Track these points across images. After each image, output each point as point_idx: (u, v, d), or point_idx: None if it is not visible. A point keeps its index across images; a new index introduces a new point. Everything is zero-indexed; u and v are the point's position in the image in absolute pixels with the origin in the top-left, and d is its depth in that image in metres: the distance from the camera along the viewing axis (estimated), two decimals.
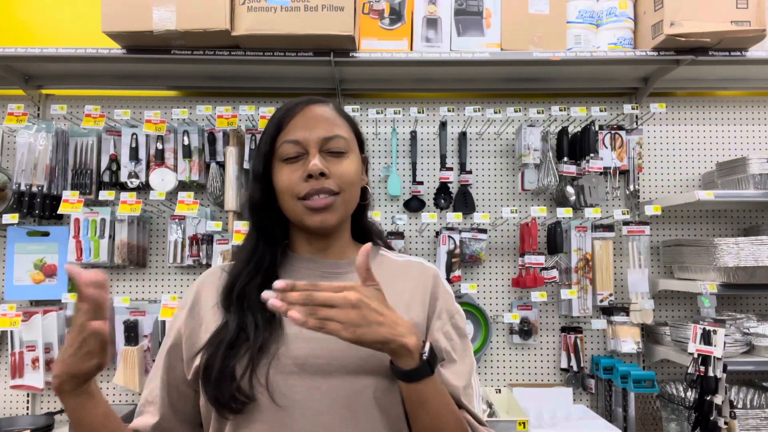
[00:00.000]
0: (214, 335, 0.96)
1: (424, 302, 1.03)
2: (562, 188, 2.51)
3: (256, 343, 0.93)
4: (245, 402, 0.90)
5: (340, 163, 1.01)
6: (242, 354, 0.92)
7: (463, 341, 1.05)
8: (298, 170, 0.99)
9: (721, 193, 2.25)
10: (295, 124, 1.02)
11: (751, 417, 2.10)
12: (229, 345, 0.93)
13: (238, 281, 1.00)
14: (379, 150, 2.64)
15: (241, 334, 0.94)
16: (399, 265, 1.10)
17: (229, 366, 0.91)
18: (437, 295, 1.06)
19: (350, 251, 1.09)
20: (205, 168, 2.49)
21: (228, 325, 0.97)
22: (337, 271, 1.05)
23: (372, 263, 1.06)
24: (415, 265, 1.10)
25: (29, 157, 2.41)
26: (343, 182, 1.01)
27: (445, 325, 1.03)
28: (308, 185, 0.98)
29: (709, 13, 2.19)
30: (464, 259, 2.52)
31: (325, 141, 1.01)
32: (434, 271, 1.09)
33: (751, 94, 2.68)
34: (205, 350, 0.95)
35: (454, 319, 1.05)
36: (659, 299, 2.57)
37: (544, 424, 2.25)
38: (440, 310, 1.04)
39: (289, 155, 1.00)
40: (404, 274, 1.07)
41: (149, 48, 2.25)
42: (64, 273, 2.47)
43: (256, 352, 0.92)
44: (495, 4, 2.38)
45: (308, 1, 2.14)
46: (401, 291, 1.03)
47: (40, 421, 2.30)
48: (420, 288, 1.05)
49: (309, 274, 1.04)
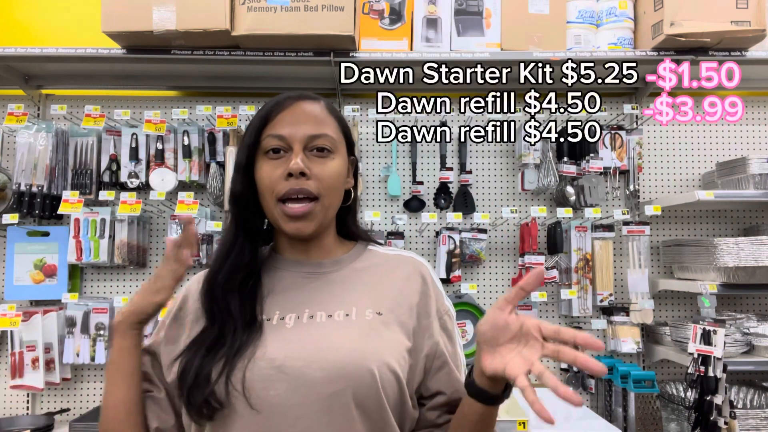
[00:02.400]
0: (194, 340, 0.95)
1: (411, 303, 1.00)
2: (562, 188, 2.51)
3: (232, 347, 0.91)
4: (217, 408, 0.88)
5: (324, 165, 0.98)
6: (219, 358, 0.91)
7: (453, 343, 1.03)
8: (279, 167, 0.96)
9: (721, 193, 2.25)
10: (282, 119, 0.99)
11: (751, 417, 2.10)
12: (206, 349, 0.92)
13: (218, 278, 0.98)
14: (379, 150, 2.64)
15: (219, 339, 0.93)
16: (388, 259, 1.07)
17: (204, 371, 0.90)
18: (428, 293, 1.03)
19: (335, 250, 1.06)
20: (205, 168, 2.49)
21: (207, 330, 0.95)
22: (321, 271, 1.03)
23: (360, 258, 1.06)
24: (406, 260, 1.07)
25: (29, 157, 2.41)
26: (324, 185, 0.97)
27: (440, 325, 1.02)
28: (288, 184, 0.95)
29: (709, 13, 2.19)
30: (464, 259, 2.52)
31: (310, 139, 0.98)
32: (425, 268, 1.06)
33: (751, 94, 2.67)
34: (183, 355, 0.94)
35: (443, 320, 1.02)
36: (659, 299, 2.57)
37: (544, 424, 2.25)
38: (434, 311, 1.02)
39: (272, 150, 0.98)
40: (393, 269, 1.04)
41: (149, 48, 2.25)
42: (64, 273, 2.47)
43: (232, 356, 0.90)
44: (495, 4, 2.38)
45: (308, 1, 2.14)
46: (389, 288, 1.01)
47: (40, 421, 2.30)
48: (409, 286, 1.02)
49: (293, 275, 1.02)
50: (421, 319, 0.99)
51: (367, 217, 2.36)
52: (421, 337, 0.98)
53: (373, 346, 0.92)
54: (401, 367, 0.92)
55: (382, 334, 0.94)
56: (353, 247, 1.09)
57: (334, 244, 1.07)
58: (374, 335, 0.94)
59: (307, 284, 1.01)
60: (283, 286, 1.01)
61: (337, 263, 1.04)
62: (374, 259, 1.07)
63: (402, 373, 0.92)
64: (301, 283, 1.01)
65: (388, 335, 0.95)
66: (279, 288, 1.01)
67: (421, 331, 0.98)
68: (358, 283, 1.02)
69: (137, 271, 2.57)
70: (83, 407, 2.48)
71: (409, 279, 1.03)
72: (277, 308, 0.98)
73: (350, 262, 1.05)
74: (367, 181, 2.63)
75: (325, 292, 1.00)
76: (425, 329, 0.99)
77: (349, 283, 1.02)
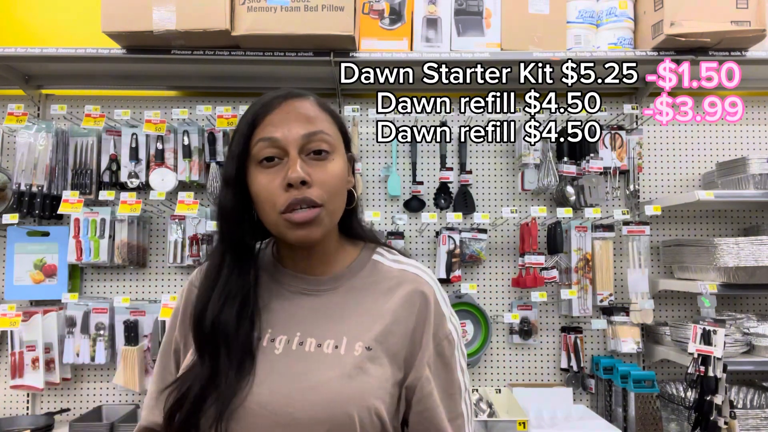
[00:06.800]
0: (184, 376, 0.91)
1: (406, 330, 0.94)
2: (562, 188, 2.51)
3: (225, 396, 0.87)
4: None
5: (324, 168, 0.91)
6: (209, 406, 0.87)
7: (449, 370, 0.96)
8: (276, 177, 0.89)
9: (721, 193, 2.25)
10: (271, 121, 0.91)
11: (751, 417, 2.10)
12: (196, 395, 0.88)
13: (208, 311, 0.92)
14: (379, 150, 2.64)
15: (210, 384, 0.88)
16: (392, 276, 1.00)
17: (194, 419, 0.87)
18: (426, 319, 0.96)
19: (338, 261, 1.01)
20: (205, 168, 2.49)
21: (196, 367, 0.90)
22: (320, 289, 0.98)
23: (361, 274, 1.00)
24: (407, 279, 0.99)
25: (29, 157, 2.41)
26: (327, 191, 0.91)
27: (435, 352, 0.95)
28: (289, 195, 0.88)
29: (709, 13, 2.19)
30: (464, 259, 2.52)
31: (306, 139, 0.91)
32: (428, 288, 0.98)
33: (751, 94, 2.67)
34: (172, 394, 0.89)
35: (440, 347, 0.96)
36: (659, 299, 2.58)
37: (544, 424, 2.26)
38: (430, 339, 0.95)
39: (265, 156, 0.90)
40: (395, 288, 0.98)
41: (149, 48, 2.25)
42: (64, 273, 2.47)
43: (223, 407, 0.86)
44: (495, 4, 2.38)
45: (308, 1, 2.14)
46: (384, 313, 0.95)
47: (40, 421, 2.30)
48: (406, 311, 0.95)
49: (291, 291, 0.99)
50: (413, 348, 0.94)
51: (367, 217, 2.36)
52: (410, 367, 0.94)
53: (358, 388, 0.88)
54: (386, 405, 0.90)
55: (368, 372, 0.90)
56: (357, 255, 1.03)
57: (337, 250, 1.01)
58: (360, 375, 0.90)
59: (302, 302, 0.97)
60: (280, 299, 0.98)
61: (337, 280, 0.99)
62: (375, 276, 1.00)
63: (387, 412, 0.90)
64: (298, 299, 0.98)
65: (374, 372, 0.91)
66: (275, 303, 0.97)
67: (411, 360, 0.94)
68: (353, 306, 0.97)
69: (137, 271, 2.57)
70: (83, 407, 2.48)
71: (408, 302, 0.96)
72: (269, 326, 0.95)
73: (349, 278, 1.00)
74: (367, 181, 2.63)
75: (319, 314, 0.96)
76: (413, 359, 0.94)
77: (344, 306, 0.97)
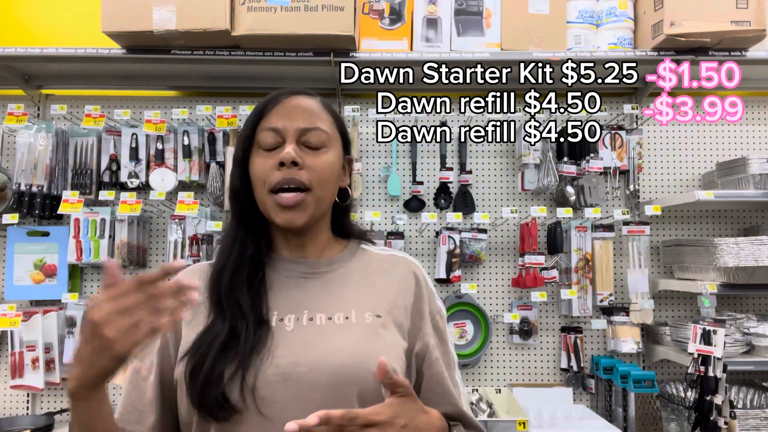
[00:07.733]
0: (202, 336, 0.93)
1: (407, 304, 1.03)
2: (562, 188, 2.51)
3: (245, 349, 0.90)
4: (231, 411, 0.88)
5: (317, 156, 0.99)
6: (231, 359, 0.90)
7: (444, 342, 1.05)
8: (272, 158, 0.97)
9: (721, 193, 2.25)
10: (276, 112, 1.00)
11: (751, 417, 2.10)
12: (219, 348, 0.91)
13: (224, 274, 0.98)
14: (379, 150, 2.64)
15: (231, 338, 0.92)
16: (382, 259, 1.09)
17: (217, 371, 0.89)
18: (422, 294, 1.05)
19: (330, 250, 1.07)
20: (205, 168, 2.49)
21: (216, 325, 0.94)
22: (318, 271, 1.03)
23: (355, 257, 1.07)
24: (399, 261, 1.09)
25: (29, 157, 2.41)
26: (316, 176, 0.97)
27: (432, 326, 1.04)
28: (280, 174, 0.96)
29: (709, 13, 2.19)
30: (464, 259, 2.52)
31: (303, 132, 0.99)
32: (417, 269, 1.08)
33: (751, 94, 2.67)
34: (192, 353, 0.92)
35: (435, 320, 1.05)
36: (659, 299, 2.57)
37: (544, 424, 2.25)
38: (427, 312, 1.04)
39: (266, 142, 0.99)
40: (388, 270, 1.06)
41: (149, 48, 2.25)
42: (64, 273, 2.47)
43: (246, 357, 0.90)
44: (495, 4, 2.38)
45: (308, 1, 2.14)
46: (385, 289, 1.03)
47: (40, 421, 2.30)
48: (404, 288, 1.04)
49: (289, 274, 1.02)
50: (415, 320, 1.02)
51: (367, 217, 2.35)
52: (414, 338, 1.01)
53: (375, 349, 0.93)
54: (401, 368, 0.96)
55: (382, 337, 0.96)
56: (346, 246, 1.10)
57: (329, 242, 1.08)
58: (375, 338, 0.96)
59: (303, 284, 1.01)
60: (280, 286, 1.01)
61: (333, 263, 1.05)
62: (368, 259, 1.08)
63: (402, 374, 0.94)
64: (297, 282, 1.02)
65: (387, 337, 0.97)
66: (276, 287, 1.01)
67: (414, 332, 1.02)
68: (355, 283, 1.03)
69: (137, 271, 2.56)
70: None
71: (404, 280, 1.05)
72: (275, 308, 0.98)
73: (346, 261, 1.06)
74: (367, 181, 2.63)
75: (322, 292, 1.01)
76: (418, 330, 1.02)
77: (346, 284, 1.03)
